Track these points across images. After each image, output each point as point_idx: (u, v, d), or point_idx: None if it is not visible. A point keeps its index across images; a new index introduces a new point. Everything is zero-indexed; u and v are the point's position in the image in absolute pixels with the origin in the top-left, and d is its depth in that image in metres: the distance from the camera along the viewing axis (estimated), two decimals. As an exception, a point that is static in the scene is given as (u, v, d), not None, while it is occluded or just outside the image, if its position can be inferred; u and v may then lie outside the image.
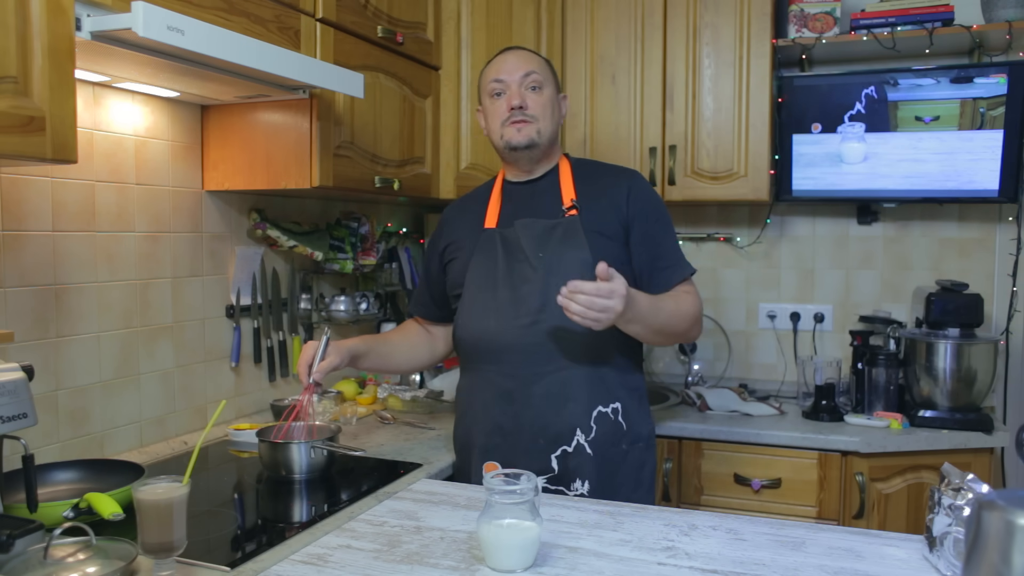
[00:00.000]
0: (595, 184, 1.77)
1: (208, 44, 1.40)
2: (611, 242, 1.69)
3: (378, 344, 1.86)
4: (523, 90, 1.74)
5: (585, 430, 1.67)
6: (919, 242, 2.72)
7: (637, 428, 1.73)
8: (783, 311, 2.86)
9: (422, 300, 1.95)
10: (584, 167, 1.83)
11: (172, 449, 1.93)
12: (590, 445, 1.67)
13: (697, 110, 2.57)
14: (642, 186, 1.78)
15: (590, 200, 1.73)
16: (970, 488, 1.10)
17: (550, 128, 1.76)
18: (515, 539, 1.16)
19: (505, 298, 1.69)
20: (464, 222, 1.84)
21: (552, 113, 1.77)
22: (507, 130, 1.74)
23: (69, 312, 1.72)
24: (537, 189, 1.79)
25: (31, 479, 1.21)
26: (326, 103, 1.90)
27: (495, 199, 1.82)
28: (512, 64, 1.76)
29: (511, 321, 1.68)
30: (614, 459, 1.69)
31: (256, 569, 1.20)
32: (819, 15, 2.55)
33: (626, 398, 1.72)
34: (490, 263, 1.73)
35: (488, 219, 1.79)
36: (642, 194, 1.75)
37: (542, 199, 1.76)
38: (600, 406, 1.68)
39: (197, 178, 2.05)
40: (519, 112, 1.72)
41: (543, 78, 1.76)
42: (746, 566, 1.18)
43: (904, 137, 2.51)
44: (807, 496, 2.24)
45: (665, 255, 1.74)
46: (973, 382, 2.28)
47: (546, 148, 1.77)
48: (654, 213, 1.75)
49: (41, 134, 1.20)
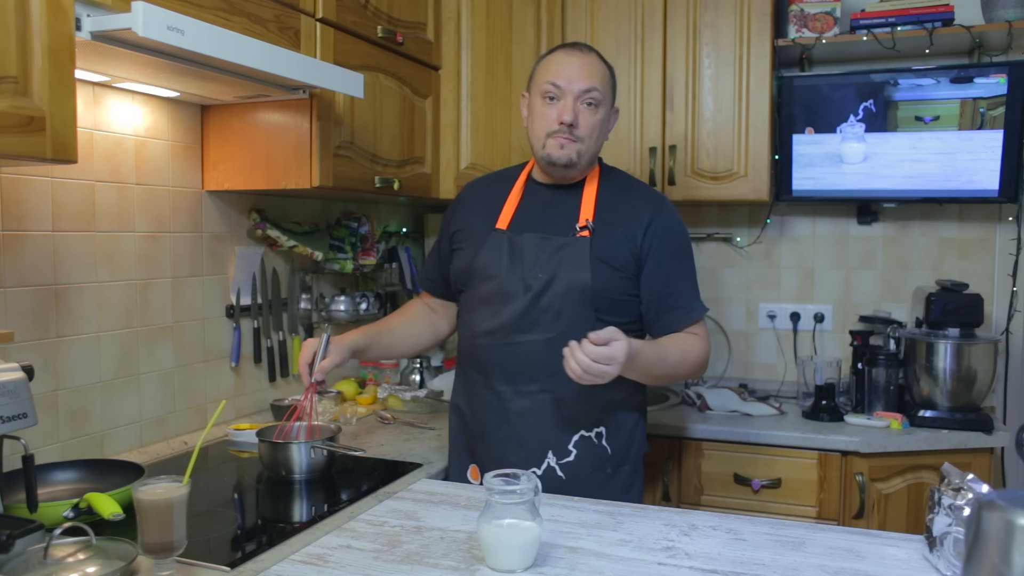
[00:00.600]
0: (617, 207, 1.69)
1: (208, 44, 1.40)
2: (616, 273, 1.64)
3: (380, 334, 1.82)
4: (578, 105, 1.63)
5: (560, 453, 1.64)
6: (919, 242, 2.72)
7: (624, 450, 1.69)
8: (783, 311, 2.86)
9: (431, 275, 1.91)
10: (612, 183, 1.74)
11: (172, 449, 1.93)
12: (564, 468, 1.64)
13: (697, 110, 2.57)
14: (665, 219, 1.68)
15: (607, 224, 1.66)
16: (970, 488, 1.10)
17: (594, 148, 1.68)
18: (515, 539, 1.16)
19: (497, 310, 1.66)
20: (479, 210, 1.77)
21: (601, 133, 1.68)
22: (550, 142, 1.64)
23: (69, 312, 1.72)
24: (558, 198, 1.72)
25: (31, 479, 1.21)
26: (326, 103, 1.90)
27: (514, 196, 1.75)
28: (575, 71, 1.63)
29: (499, 335, 1.66)
30: (596, 482, 1.65)
31: (256, 569, 1.20)
32: (819, 15, 2.55)
33: (616, 421, 1.68)
34: (492, 269, 1.68)
35: (502, 218, 1.72)
36: (663, 228, 1.67)
37: (559, 210, 1.69)
38: (583, 430, 1.65)
39: (197, 178, 2.05)
40: (568, 129, 1.62)
41: (603, 95, 1.65)
42: (746, 566, 1.18)
43: (904, 137, 2.51)
44: (807, 496, 2.24)
45: (676, 295, 1.66)
46: (973, 382, 2.28)
47: (587, 166, 1.70)
48: (672, 249, 1.67)
49: (41, 134, 1.20)
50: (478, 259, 1.71)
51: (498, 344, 1.66)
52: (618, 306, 1.65)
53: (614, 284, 1.63)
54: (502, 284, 1.67)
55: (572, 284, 1.61)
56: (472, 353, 1.73)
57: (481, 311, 1.69)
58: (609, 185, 1.73)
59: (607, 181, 1.74)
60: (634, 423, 1.72)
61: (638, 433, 1.73)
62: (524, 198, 1.75)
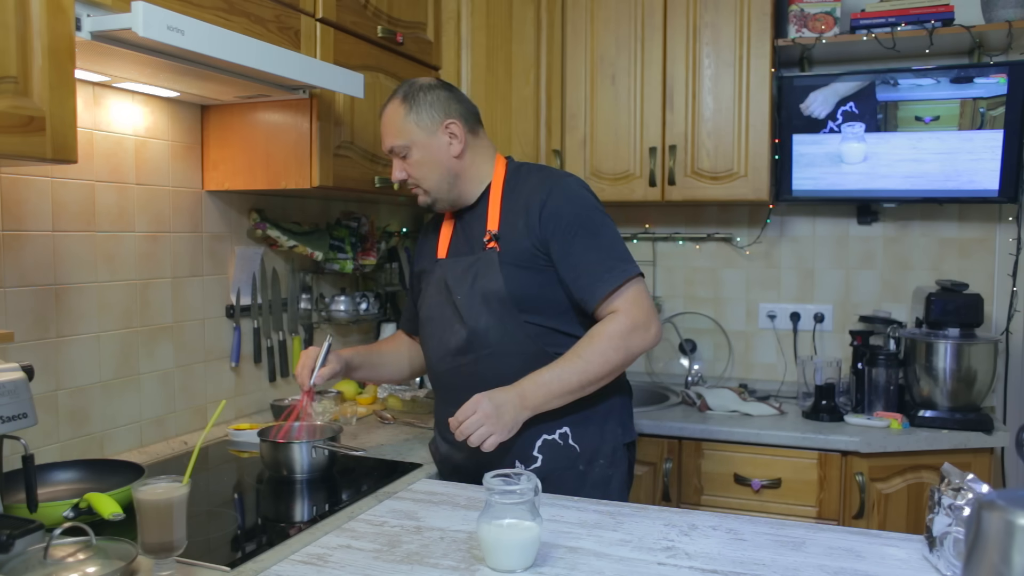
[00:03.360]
0: (517, 203, 1.68)
1: (208, 44, 1.40)
2: (527, 272, 1.63)
3: (371, 356, 1.88)
4: (397, 160, 1.71)
5: (527, 460, 1.64)
6: (919, 242, 2.72)
7: (595, 446, 1.68)
8: (783, 311, 2.86)
9: (408, 315, 1.97)
10: (515, 179, 1.73)
11: (172, 449, 1.93)
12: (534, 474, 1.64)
13: (697, 110, 2.57)
14: (556, 198, 1.64)
15: (510, 226, 1.66)
16: (970, 488, 1.10)
17: (441, 180, 1.70)
18: (515, 539, 1.16)
19: (440, 337, 1.71)
20: (428, 246, 1.83)
21: (433, 166, 1.69)
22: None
23: (69, 312, 1.72)
24: (473, 216, 1.74)
25: (31, 479, 1.21)
26: (326, 103, 1.90)
27: (447, 227, 1.80)
28: (382, 135, 1.73)
29: (441, 361, 1.71)
30: (570, 482, 1.64)
31: (256, 569, 1.20)
32: (819, 15, 2.55)
33: (578, 419, 1.66)
34: (432, 299, 1.74)
35: (440, 248, 1.78)
36: (554, 208, 1.63)
37: (475, 228, 1.72)
38: (545, 434, 1.65)
39: (197, 178, 2.05)
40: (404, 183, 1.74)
41: (405, 142, 1.68)
42: (746, 566, 1.18)
43: (904, 137, 2.51)
44: (807, 496, 2.24)
45: (585, 270, 1.62)
46: (973, 382, 2.28)
47: (452, 195, 1.72)
48: (568, 226, 1.62)
49: (41, 134, 1.20)
50: (425, 292, 1.78)
51: (447, 370, 1.70)
52: (541, 301, 1.65)
53: (528, 283, 1.63)
54: (439, 312, 1.72)
55: (489, 295, 1.63)
56: (434, 379, 1.79)
57: (430, 341, 1.75)
58: (511, 184, 1.72)
59: (510, 181, 1.73)
60: (603, 417, 1.70)
61: (610, 425, 1.70)
62: (455, 224, 1.79)
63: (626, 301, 1.60)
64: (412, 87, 1.70)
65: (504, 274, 1.63)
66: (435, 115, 1.68)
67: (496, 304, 1.63)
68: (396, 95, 1.70)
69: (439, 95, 1.69)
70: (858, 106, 2.53)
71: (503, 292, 1.62)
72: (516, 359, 1.63)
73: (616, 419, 1.72)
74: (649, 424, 2.35)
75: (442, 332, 1.71)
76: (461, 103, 1.72)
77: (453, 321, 1.68)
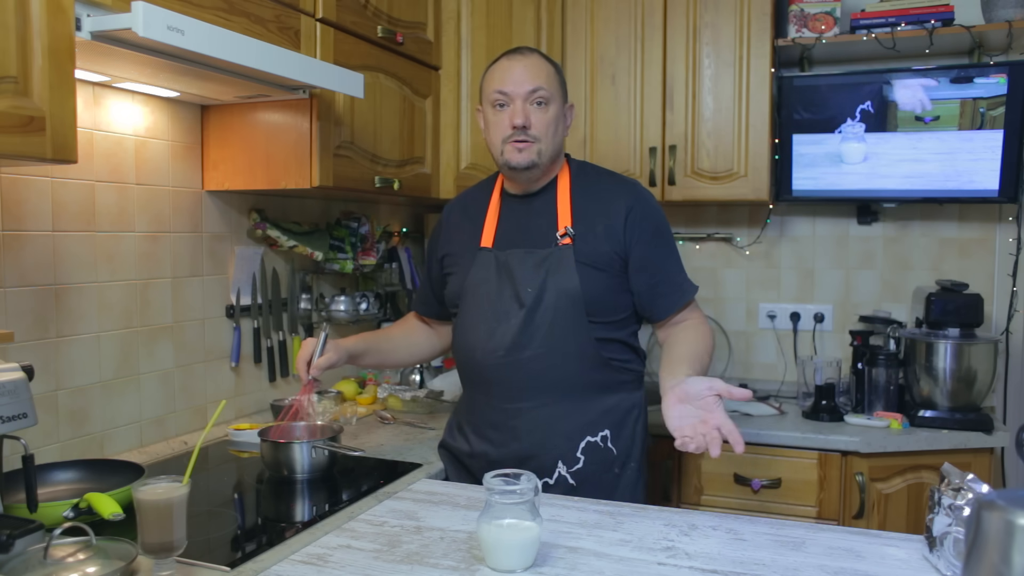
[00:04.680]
0: (593, 203, 1.69)
1: (208, 44, 1.40)
2: (603, 274, 1.64)
3: (377, 341, 1.86)
4: (528, 106, 1.63)
5: (569, 462, 1.64)
6: (919, 242, 2.72)
7: (629, 450, 1.70)
8: (783, 311, 2.86)
9: (425, 299, 1.94)
10: (584, 178, 1.74)
11: (172, 449, 1.93)
12: (575, 476, 1.64)
13: (697, 110, 2.57)
14: (642, 206, 1.68)
15: (586, 225, 1.66)
16: (970, 488, 1.10)
17: (553, 146, 1.67)
18: (515, 539, 1.16)
19: (491, 329, 1.66)
20: (463, 232, 1.79)
21: (557, 130, 1.67)
22: (507, 148, 1.64)
23: (69, 312, 1.72)
24: (534, 208, 1.72)
25: (31, 479, 1.21)
26: (326, 103, 1.90)
27: (492, 213, 1.75)
28: (519, 75, 1.63)
29: (493, 354, 1.66)
30: (606, 485, 1.66)
31: (256, 569, 1.20)
32: (819, 15, 2.55)
33: (616, 422, 1.68)
34: (484, 288, 1.69)
35: (485, 236, 1.73)
36: (642, 216, 1.67)
37: (538, 221, 1.70)
38: (589, 436, 1.66)
39: (197, 178, 2.05)
40: (522, 132, 1.63)
41: (550, 93, 1.65)
42: (746, 566, 1.18)
43: (904, 137, 2.51)
44: (807, 496, 2.24)
45: (665, 281, 1.68)
46: (973, 382, 2.28)
47: (548, 164, 1.69)
48: (654, 236, 1.68)
49: (41, 134, 1.20)
50: (469, 280, 1.72)
51: (498, 363, 1.65)
52: (608, 306, 1.66)
53: (603, 286, 1.64)
54: (496, 303, 1.67)
55: (562, 294, 1.62)
56: (475, 372, 1.72)
57: (477, 331, 1.69)
58: (580, 183, 1.73)
59: (578, 179, 1.74)
60: (635, 420, 1.72)
61: (639, 428, 1.74)
62: (502, 212, 1.75)
63: (698, 313, 1.74)
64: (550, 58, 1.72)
65: (580, 274, 1.62)
66: (566, 91, 1.74)
67: (566, 302, 1.61)
68: (534, 52, 1.69)
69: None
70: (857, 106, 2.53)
71: (577, 291, 1.61)
72: (574, 361, 1.63)
73: (642, 424, 1.75)
74: (649, 424, 2.33)
75: (495, 324, 1.66)
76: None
77: (511, 314, 1.64)
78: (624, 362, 1.71)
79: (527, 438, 1.65)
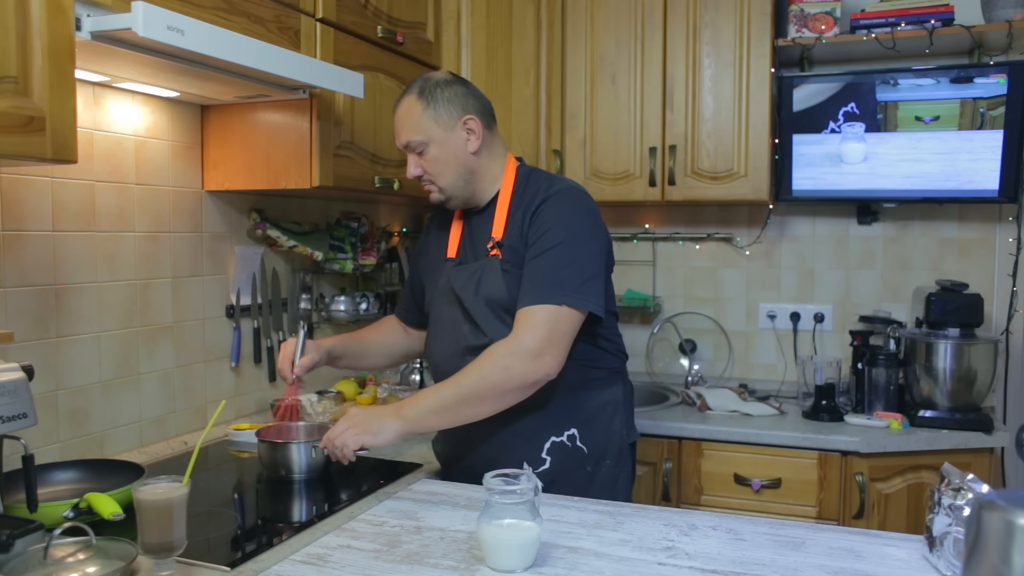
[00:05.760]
0: (520, 210, 1.67)
1: (208, 44, 1.40)
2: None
3: (354, 344, 1.89)
4: (412, 156, 1.69)
5: (535, 463, 1.64)
6: (919, 242, 2.72)
7: (602, 446, 1.69)
8: (783, 311, 2.86)
9: (406, 304, 1.97)
10: (523, 187, 1.71)
11: (172, 449, 1.93)
12: (543, 476, 1.63)
13: (697, 110, 2.57)
14: (549, 204, 1.62)
15: (513, 232, 1.66)
16: (970, 488, 1.10)
17: (455, 178, 1.68)
18: (515, 539, 1.16)
19: (448, 336, 1.71)
20: (436, 243, 1.83)
21: (449, 163, 1.66)
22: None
23: (69, 312, 1.72)
24: (483, 219, 1.74)
25: (31, 479, 1.21)
26: (326, 103, 1.90)
27: (456, 225, 1.79)
28: (397, 128, 1.69)
29: (449, 360, 1.69)
30: (578, 483, 1.65)
31: (256, 569, 1.20)
32: (819, 15, 2.55)
33: (586, 420, 1.68)
34: (440, 299, 1.75)
35: (450, 248, 1.77)
36: (540, 215, 1.62)
37: (480, 234, 1.72)
38: (553, 436, 1.66)
39: (197, 178, 2.05)
40: (419, 180, 1.71)
41: (423, 138, 1.65)
42: (746, 566, 1.18)
43: (904, 137, 2.51)
44: (807, 496, 2.24)
45: (530, 277, 1.58)
46: (973, 382, 2.28)
47: (466, 192, 1.71)
48: (544, 238, 1.59)
49: (41, 134, 1.20)
50: (435, 291, 1.77)
51: (453, 369, 1.65)
52: None
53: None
54: (446, 314, 1.72)
55: (492, 302, 1.64)
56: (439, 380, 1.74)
57: (439, 339, 1.75)
58: (519, 192, 1.71)
59: (519, 188, 1.71)
60: (609, 416, 1.71)
61: (616, 424, 1.71)
62: (464, 224, 1.79)
63: (526, 323, 1.54)
64: (428, 82, 1.68)
65: (506, 280, 1.63)
66: (453, 111, 1.66)
67: (499, 309, 1.64)
68: (411, 90, 1.68)
69: (456, 90, 1.67)
70: (859, 106, 2.53)
71: (505, 297, 1.63)
72: None
73: (621, 419, 1.73)
74: (649, 424, 2.35)
75: (450, 333, 1.71)
76: (478, 99, 1.70)
77: (460, 323, 1.69)
78: (587, 360, 1.68)
79: (491, 442, 1.67)
